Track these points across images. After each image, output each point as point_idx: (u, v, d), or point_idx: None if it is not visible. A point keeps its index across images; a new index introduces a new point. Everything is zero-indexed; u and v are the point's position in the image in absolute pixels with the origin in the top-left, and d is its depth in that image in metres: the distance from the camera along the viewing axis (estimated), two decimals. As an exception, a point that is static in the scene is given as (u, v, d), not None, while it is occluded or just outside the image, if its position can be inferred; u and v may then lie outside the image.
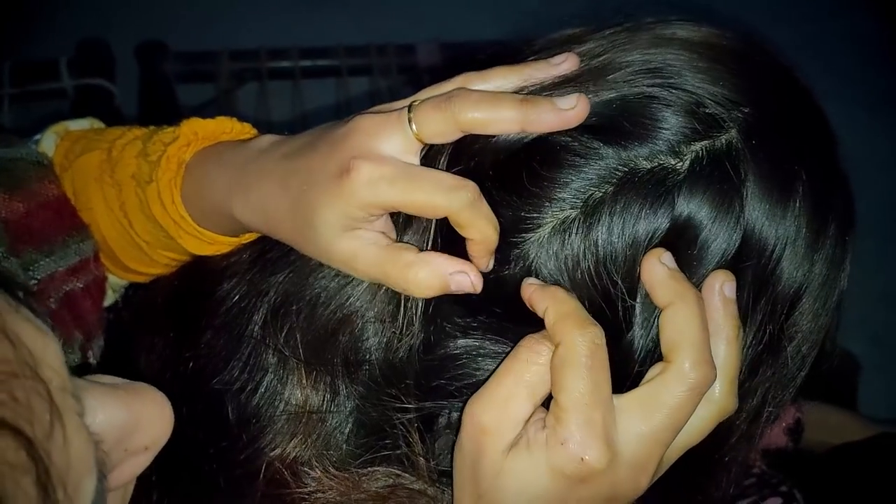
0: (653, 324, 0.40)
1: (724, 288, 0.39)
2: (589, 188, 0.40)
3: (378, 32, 1.32)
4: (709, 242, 0.40)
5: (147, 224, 0.50)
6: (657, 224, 0.40)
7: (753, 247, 0.41)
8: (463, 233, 0.40)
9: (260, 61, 1.23)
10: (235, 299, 0.48)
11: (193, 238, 0.49)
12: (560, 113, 0.40)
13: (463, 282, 0.40)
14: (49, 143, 0.56)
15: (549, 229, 0.41)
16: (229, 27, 1.73)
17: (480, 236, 0.40)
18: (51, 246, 0.50)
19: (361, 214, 0.40)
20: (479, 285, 0.41)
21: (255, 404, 0.46)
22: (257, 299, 0.47)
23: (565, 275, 0.41)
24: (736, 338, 0.40)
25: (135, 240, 0.52)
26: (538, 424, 0.38)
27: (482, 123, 0.41)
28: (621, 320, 0.41)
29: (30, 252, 0.49)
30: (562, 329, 0.38)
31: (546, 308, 0.39)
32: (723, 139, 0.40)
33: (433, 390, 0.43)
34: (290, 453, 0.45)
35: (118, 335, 0.55)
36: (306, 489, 0.44)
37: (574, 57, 0.43)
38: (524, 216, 0.41)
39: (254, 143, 0.46)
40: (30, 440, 0.22)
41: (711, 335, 0.39)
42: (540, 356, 0.38)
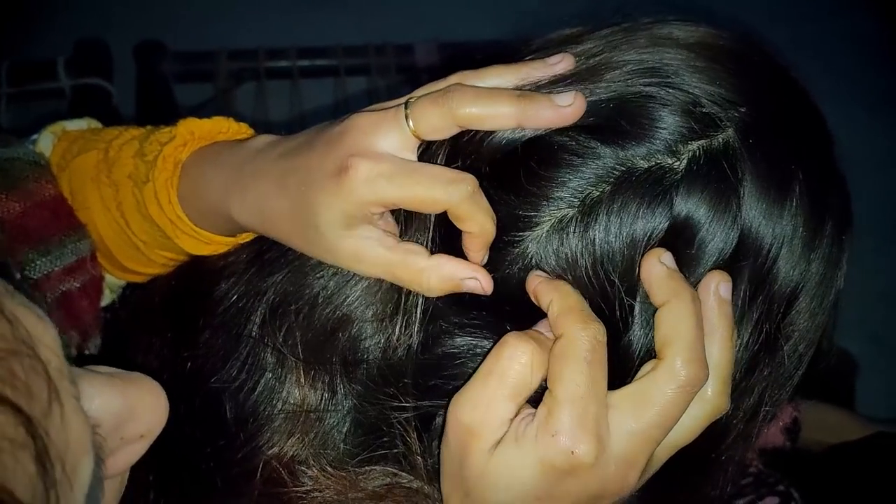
0: (652, 324, 0.40)
1: (720, 288, 0.39)
2: (586, 187, 0.40)
3: (376, 32, 1.32)
4: (706, 242, 0.40)
5: (144, 224, 0.50)
6: (655, 224, 0.40)
7: (750, 246, 0.41)
8: (462, 226, 0.40)
9: (258, 61, 1.23)
10: (233, 299, 0.48)
11: (190, 238, 0.49)
12: (557, 109, 0.40)
13: (473, 285, 0.41)
14: (46, 143, 0.56)
15: (548, 228, 0.41)
16: (227, 27, 1.73)
17: (479, 229, 0.40)
18: (47, 245, 0.50)
19: (362, 212, 0.40)
20: (490, 288, 0.41)
21: (253, 403, 0.46)
22: (255, 299, 0.47)
23: (566, 273, 0.41)
24: (730, 338, 0.40)
25: (132, 240, 0.52)
26: (527, 419, 0.38)
27: (479, 118, 0.40)
28: (619, 320, 0.41)
29: (26, 252, 0.49)
30: (565, 322, 0.38)
31: (551, 300, 0.39)
32: (720, 138, 0.40)
33: (431, 389, 0.43)
34: (288, 452, 0.45)
35: (115, 335, 0.55)
36: (303, 488, 0.44)
37: (570, 57, 0.43)
38: (521, 214, 0.41)
39: (250, 143, 0.46)
40: (28, 417, 0.22)
41: (706, 335, 0.39)
42: (523, 355, 0.38)
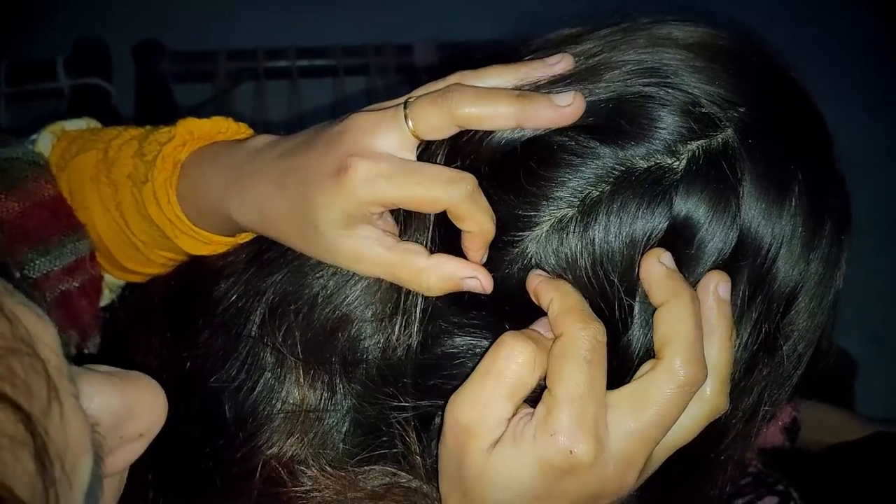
0: (651, 324, 0.40)
1: (719, 288, 0.39)
2: (586, 187, 0.40)
3: (375, 32, 1.32)
4: (705, 242, 0.40)
5: (143, 224, 0.50)
6: (654, 224, 0.40)
7: (749, 246, 0.41)
8: (461, 225, 0.40)
9: (257, 61, 1.23)
10: (233, 299, 0.48)
11: (189, 238, 0.49)
12: (556, 109, 0.40)
13: (473, 285, 0.41)
14: (45, 143, 0.56)
15: (547, 227, 0.41)
16: (226, 27, 1.73)
17: (478, 228, 0.40)
18: (46, 245, 0.50)
19: (361, 212, 0.40)
20: (490, 287, 0.41)
21: (252, 403, 0.46)
22: (255, 299, 0.47)
23: (565, 273, 0.41)
24: (729, 338, 0.40)
25: (131, 239, 0.52)
26: (525, 418, 0.38)
27: (478, 118, 0.40)
28: (619, 320, 0.41)
29: (25, 251, 0.49)
30: (565, 321, 0.38)
31: (551, 300, 0.39)
32: (719, 138, 0.40)
33: (430, 389, 0.43)
34: (287, 452, 0.45)
35: (114, 335, 0.55)
36: (302, 488, 0.44)
37: (569, 57, 0.43)
38: (521, 214, 0.41)
39: (249, 143, 0.46)
40: (28, 415, 0.22)
41: (705, 335, 0.39)
42: (520, 354, 0.38)
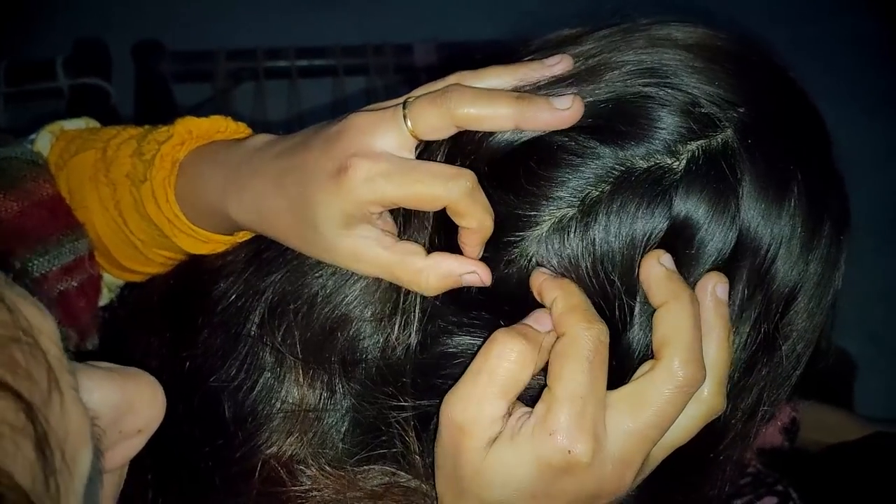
0: (651, 325, 0.40)
1: (717, 289, 0.39)
2: (586, 187, 0.40)
3: (375, 32, 1.32)
4: (705, 242, 0.40)
5: (142, 223, 0.50)
6: (654, 224, 0.40)
7: (749, 246, 0.41)
8: (460, 222, 0.40)
9: (256, 61, 1.23)
10: (232, 298, 0.48)
11: (188, 237, 0.49)
12: (555, 112, 0.40)
13: (472, 279, 0.41)
14: (44, 143, 0.56)
15: (548, 227, 0.41)
16: (226, 27, 1.73)
17: (478, 224, 0.40)
18: (45, 245, 0.50)
19: (361, 212, 0.40)
20: (489, 280, 0.41)
21: (252, 402, 0.46)
22: (254, 298, 0.47)
23: (567, 273, 0.41)
24: (726, 338, 0.40)
25: (130, 238, 0.52)
26: (524, 417, 0.38)
27: (477, 119, 0.40)
28: (619, 320, 0.41)
29: (24, 251, 0.49)
30: (568, 321, 0.38)
31: (555, 298, 0.39)
32: (719, 139, 0.40)
33: (429, 389, 0.43)
34: (286, 451, 0.45)
35: (114, 334, 0.55)
36: (302, 487, 0.44)
37: (568, 58, 0.43)
38: (521, 214, 0.41)
39: (248, 142, 0.46)
40: (29, 404, 0.22)
41: (703, 335, 0.39)
42: (512, 352, 0.38)
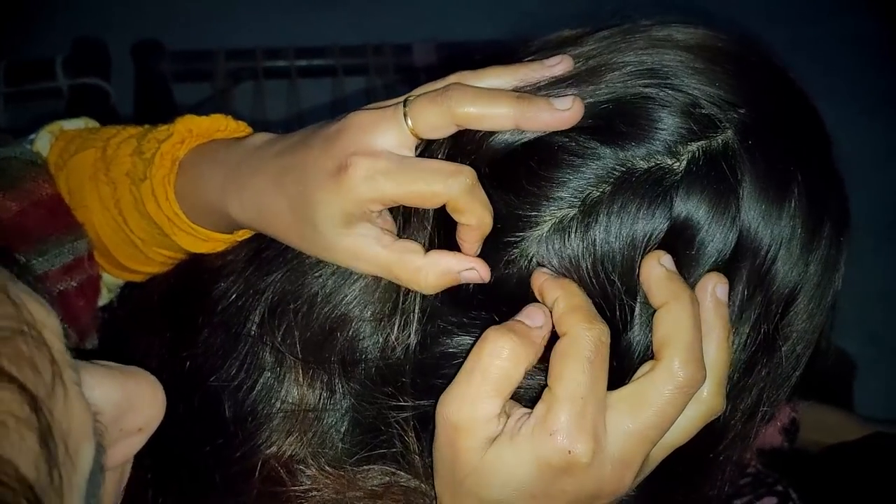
0: (651, 325, 0.40)
1: (717, 289, 0.39)
2: (587, 187, 0.40)
3: (374, 32, 1.32)
4: (706, 243, 0.40)
5: (142, 222, 0.50)
6: (655, 225, 0.40)
7: (749, 247, 0.41)
8: (460, 219, 0.40)
9: (256, 61, 1.23)
10: (232, 298, 0.48)
11: (188, 235, 0.49)
12: (555, 113, 0.40)
13: (471, 276, 0.41)
14: (44, 143, 0.56)
15: (548, 227, 0.41)
16: (225, 27, 1.73)
17: (477, 221, 0.40)
18: (44, 245, 0.50)
19: (360, 210, 0.40)
20: (487, 276, 0.41)
21: (252, 402, 0.46)
22: (254, 298, 0.47)
23: (568, 273, 0.41)
24: (726, 339, 0.40)
25: (130, 237, 0.52)
26: (524, 417, 0.38)
27: (477, 118, 0.41)
28: (619, 321, 0.41)
29: (23, 251, 0.49)
30: (569, 321, 0.38)
31: (556, 298, 0.39)
32: (719, 139, 0.40)
33: (429, 389, 0.43)
34: (286, 451, 0.45)
35: (113, 334, 0.55)
36: (302, 487, 0.44)
37: (569, 59, 0.43)
38: (521, 214, 0.41)
39: (248, 141, 0.46)
40: (33, 396, 0.22)
41: (703, 336, 0.39)
42: (503, 349, 0.38)
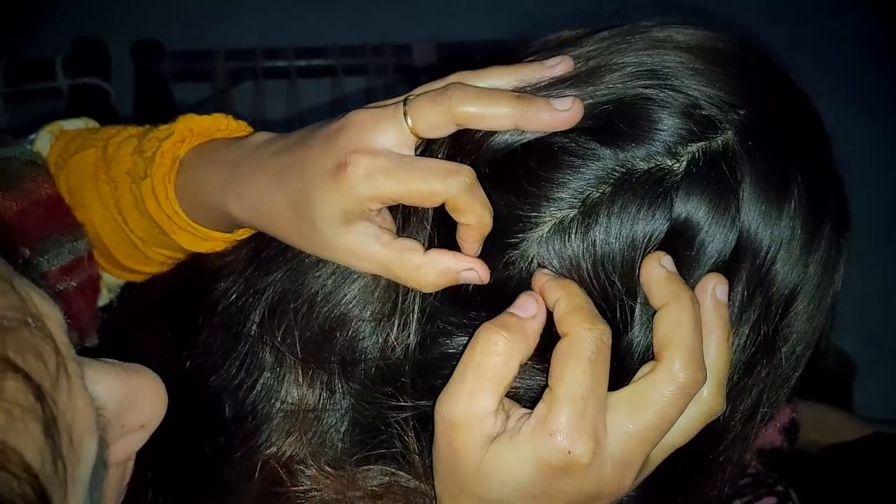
0: (651, 326, 0.40)
1: (717, 290, 0.39)
2: (587, 188, 0.40)
3: (374, 32, 1.32)
4: (706, 244, 0.40)
5: (141, 221, 0.50)
6: (655, 226, 0.40)
7: (748, 248, 0.41)
8: (459, 218, 0.40)
9: (256, 61, 1.23)
10: (232, 298, 0.48)
11: (187, 234, 0.49)
12: (555, 113, 0.40)
13: (470, 277, 0.41)
14: (44, 143, 0.56)
15: (549, 228, 0.41)
16: (225, 26, 1.73)
17: (477, 221, 0.40)
18: (44, 245, 0.50)
19: (360, 209, 0.40)
20: (487, 277, 0.41)
21: (252, 402, 0.46)
22: (254, 298, 0.47)
23: (568, 274, 0.41)
24: (726, 340, 0.40)
25: (129, 237, 0.52)
26: (524, 418, 0.38)
27: (477, 118, 0.41)
28: (619, 321, 0.41)
29: (23, 251, 0.49)
30: (571, 321, 0.38)
31: (557, 299, 0.39)
32: (719, 140, 0.40)
33: (429, 389, 0.43)
34: (286, 451, 0.45)
35: (113, 335, 0.55)
36: (302, 487, 0.44)
37: (569, 59, 0.43)
38: (521, 215, 0.41)
39: (248, 140, 0.47)
40: (38, 386, 0.22)
41: (703, 336, 0.39)
42: (496, 345, 0.38)
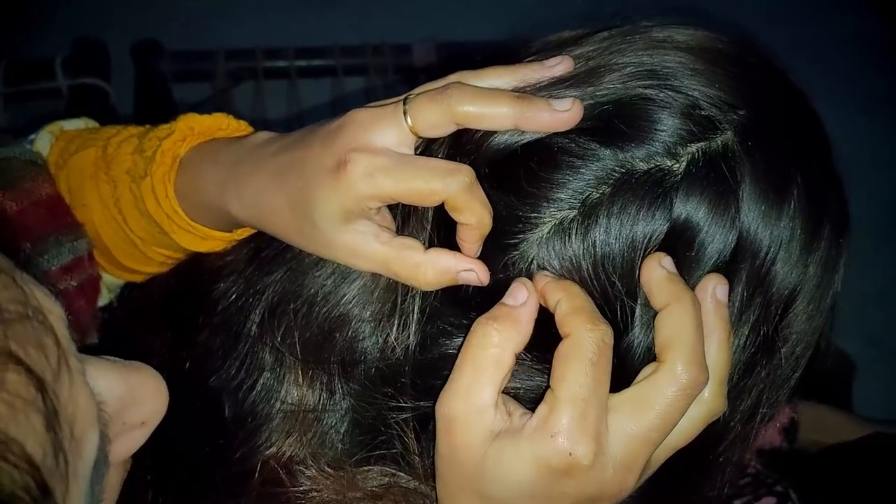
0: (652, 327, 0.40)
1: (717, 291, 0.39)
2: (586, 189, 0.40)
3: (374, 32, 1.32)
4: (706, 244, 0.40)
5: (141, 220, 0.50)
6: (655, 226, 0.40)
7: (748, 248, 0.41)
8: (459, 218, 0.40)
9: (256, 61, 1.23)
10: (232, 298, 0.48)
11: (187, 233, 0.49)
12: (555, 113, 0.40)
13: (470, 278, 0.41)
14: (44, 143, 0.56)
15: (549, 229, 0.41)
16: (225, 27, 1.73)
17: (476, 220, 0.40)
18: (44, 244, 0.50)
19: (359, 207, 0.40)
20: (486, 279, 0.41)
21: (252, 402, 0.46)
22: (254, 298, 0.47)
23: (569, 275, 0.41)
24: (727, 340, 0.40)
25: (129, 236, 0.52)
26: (526, 418, 0.38)
27: (477, 117, 0.41)
28: (620, 322, 0.41)
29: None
30: (572, 322, 0.38)
31: (559, 300, 0.39)
32: (719, 141, 0.40)
33: (429, 390, 0.43)
34: (286, 452, 0.45)
35: (113, 335, 0.55)
36: (301, 488, 0.44)
37: (569, 59, 0.43)
38: (521, 216, 0.41)
39: (248, 140, 0.47)
40: (40, 379, 0.22)
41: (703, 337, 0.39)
42: (491, 338, 0.38)
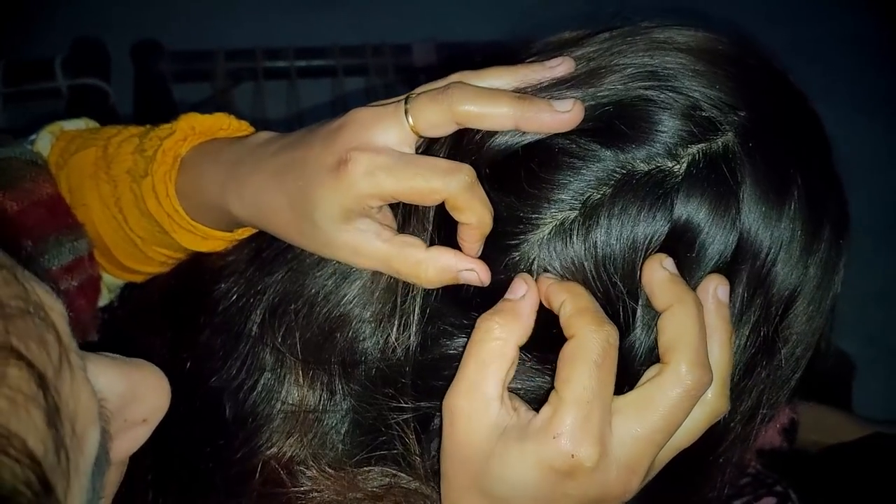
0: (654, 328, 0.40)
1: (718, 291, 0.40)
2: (587, 190, 0.40)
3: (374, 32, 1.32)
4: (706, 245, 0.40)
5: (142, 220, 0.50)
6: (656, 228, 0.40)
7: (749, 249, 0.41)
8: (459, 217, 0.40)
9: (256, 61, 1.23)
10: (233, 298, 0.48)
11: (187, 233, 0.49)
12: (556, 114, 0.40)
13: (470, 277, 0.41)
14: (45, 143, 0.56)
15: (550, 230, 0.41)
16: (225, 27, 1.73)
17: (477, 220, 0.40)
18: (44, 244, 0.50)
19: (360, 206, 0.40)
20: (487, 279, 0.41)
21: (252, 403, 0.46)
22: (255, 298, 0.47)
23: (570, 277, 0.41)
24: (728, 340, 0.40)
25: (129, 236, 0.52)
26: (530, 413, 0.38)
27: (478, 117, 0.41)
28: (622, 323, 0.41)
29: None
30: (577, 323, 0.38)
31: (563, 301, 0.39)
32: (719, 142, 0.40)
33: (430, 391, 0.43)
34: (287, 452, 0.45)
35: (113, 334, 0.55)
36: (302, 488, 0.44)
37: (570, 60, 0.43)
38: (522, 216, 0.41)
39: (249, 139, 0.47)
40: (42, 374, 0.22)
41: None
42: (493, 332, 0.38)
